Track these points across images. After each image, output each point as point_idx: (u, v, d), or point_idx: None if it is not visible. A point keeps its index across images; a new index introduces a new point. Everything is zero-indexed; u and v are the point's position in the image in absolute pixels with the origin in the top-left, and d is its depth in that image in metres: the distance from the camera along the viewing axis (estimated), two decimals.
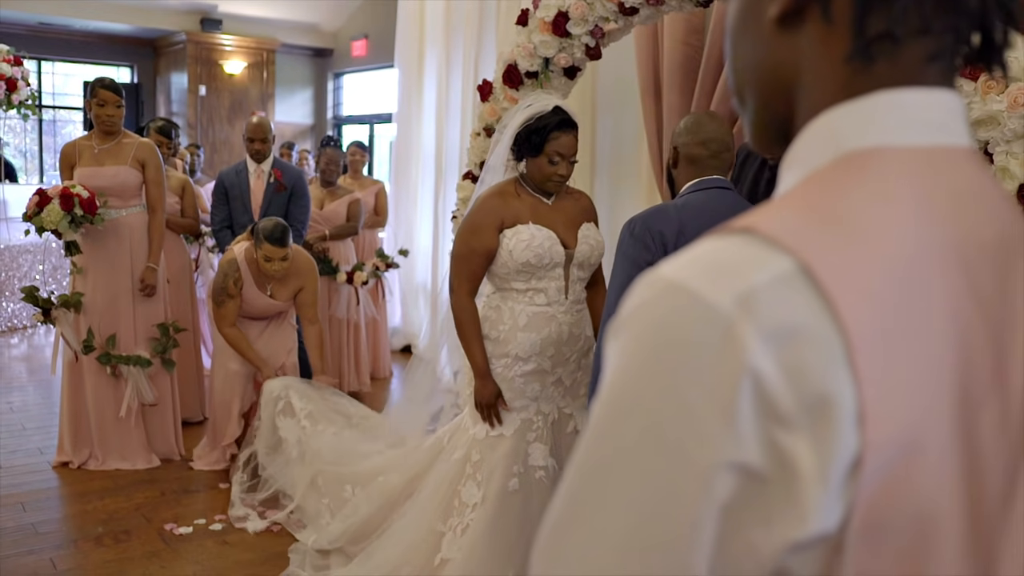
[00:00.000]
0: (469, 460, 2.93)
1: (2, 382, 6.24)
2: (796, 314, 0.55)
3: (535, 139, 2.84)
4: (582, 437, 0.63)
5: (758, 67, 0.72)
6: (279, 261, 4.07)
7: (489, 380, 2.90)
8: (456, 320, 2.89)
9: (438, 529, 2.94)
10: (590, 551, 0.59)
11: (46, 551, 3.56)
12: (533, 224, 2.85)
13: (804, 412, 0.55)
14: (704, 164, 2.48)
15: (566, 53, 3.48)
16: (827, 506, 0.55)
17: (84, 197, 4.08)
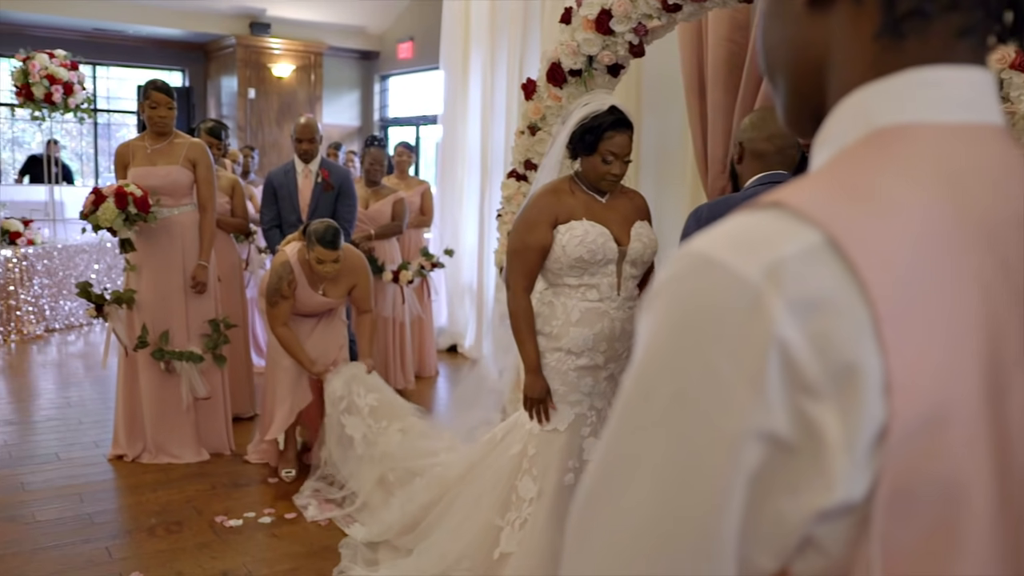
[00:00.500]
0: (525, 455, 2.96)
1: (60, 378, 6.41)
2: (823, 285, 0.57)
3: (589, 138, 2.85)
4: (615, 405, 0.65)
5: (790, 49, 0.74)
6: (331, 263, 4.14)
7: (540, 376, 2.92)
8: (511, 316, 2.93)
9: (496, 523, 2.97)
10: (622, 517, 0.61)
11: (102, 540, 3.66)
12: (587, 220, 2.88)
13: (831, 381, 0.56)
14: (769, 159, 2.48)
15: (609, 51, 3.49)
16: (853, 475, 0.57)
17: (138, 196, 4.19)
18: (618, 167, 2.88)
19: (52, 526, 3.77)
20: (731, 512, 0.58)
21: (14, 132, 12.24)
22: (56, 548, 3.56)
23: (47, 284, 7.74)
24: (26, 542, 3.61)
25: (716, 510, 0.58)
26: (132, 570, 3.38)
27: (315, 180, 5.22)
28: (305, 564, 3.50)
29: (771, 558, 0.60)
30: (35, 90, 7.61)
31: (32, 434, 5.06)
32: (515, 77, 6.23)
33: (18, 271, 7.42)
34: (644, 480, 0.60)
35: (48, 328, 7.75)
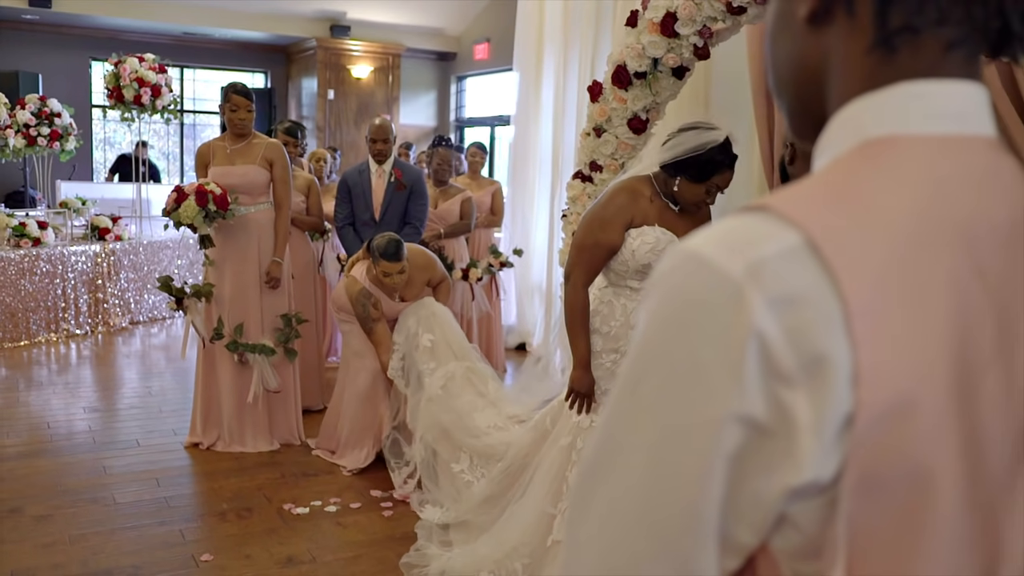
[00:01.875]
0: (575, 448, 3.01)
1: (143, 368, 6.67)
2: (799, 283, 0.62)
3: (705, 169, 2.84)
4: (611, 390, 0.70)
5: (793, 63, 0.78)
6: (398, 274, 4.28)
7: (588, 372, 2.97)
8: (567, 308, 2.96)
9: (549, 512, 3.04)
10: (614, 495, 0.67)
11: (176, 523, 3.82)
12: (659, 227, 2.91)
13: (803, 370, 0.61)
14: None
15: (674, 53, 3.51)
16: (822, 457, 0.61)
17: (217, 194, 4.36)
18: (714, 196, 2.93)
19: (130, 508, 3.95)
20: (713, 490, 0.63)
21: (106, 133, 12.73)
22: (133, 529, 3.73)
23: (132, 278, 8.05)
24: (106, 522, 3.79)
25: (699, 488, 0.63)
26: (203, 552, 3.52)
27: (388, 180, 5.34)
28: (368, 552, 3.60)
29: (751, 534, 0.65)
30: (125, 92, 7.93)
31: (115, 421, 5.29)
32: (586, 79, 6.26)
33: (106, 266, 7.74)
34: (634, 461, 0.66)
35: (133, 321, 8.06)
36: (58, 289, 7.33)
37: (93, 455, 4.61)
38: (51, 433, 4.97)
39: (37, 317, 7.18)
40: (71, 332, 7.43)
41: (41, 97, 8.29)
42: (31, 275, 7.12)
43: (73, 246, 7.53)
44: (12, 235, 7.16)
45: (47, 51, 11.20)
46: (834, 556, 0.63)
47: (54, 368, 6.58)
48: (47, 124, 8.13)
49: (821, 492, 0.62)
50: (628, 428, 0.67)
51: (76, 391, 5.92)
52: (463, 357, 4.27)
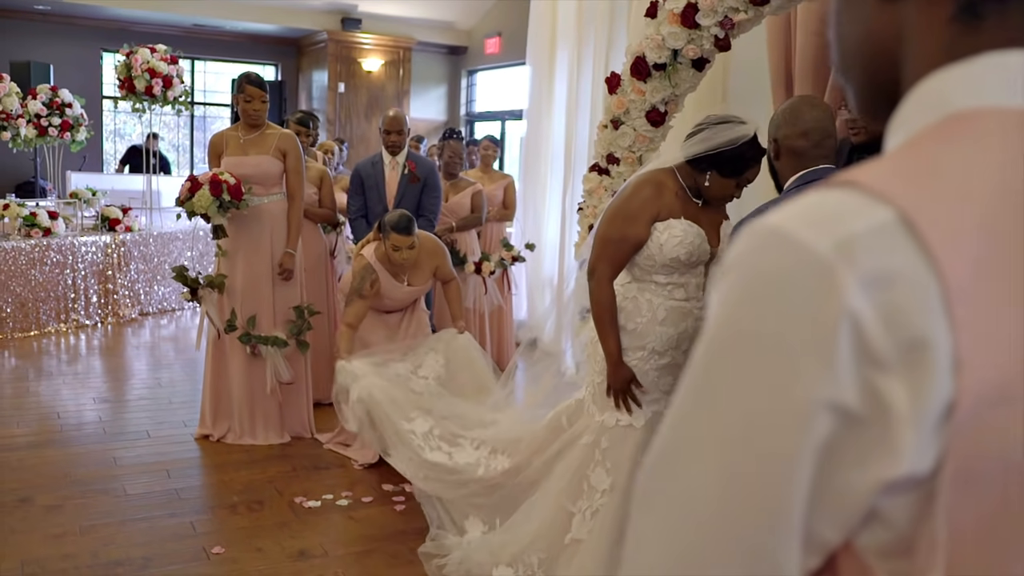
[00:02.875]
0: (598, 446, 2.96)
1: (152, 359, 6.65)
2: (895, 261, 0.57)
3: (737, 164, 2.81)
4: (684, 376, 0.66)
5: (864, 38, 0.74)
6: (407, 249, 4.21)
7: (622, 366, 2.91)
8: (594, 304, 2.92)
9: (567, 508, 2.99)
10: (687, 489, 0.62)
11: (187, 515, 3.79)
12: (685, 220, 2.87)
13: (900, 355, 0.57)
14: (807, 155, 2.44)
15: (695, 44, 3.47)
16: (920, 448, 0.57)
17: (231, 184, 4.33)
18: (741, 190, 2.91)
19: (141, 499, 3.92)
20: (799, 484, 0.59)
21: (116, 124, 12.72)
22: (144, 520, 3.70)
23: (143, 269, 8.03)
24: (116, 513, 3.77)
25: (784, 481, 0.59)
26: (214, 544, 3.49)
27: (402, 172, 5.30)
28: (380, 547, 3.57)
29: (836, 530, 0.61)
30: (136, 83, 7.90)
31: (125, 412, 5.27)
32: (601, 73, 6.22)
33: (116, 256, 7.72)
34: (710, 452, 0.61)
35: (143, 312, 8.04)
36: (68, 279, 7.31)
37: (103, 446, 4.59)
38: (61, 423, 4.95)
39: (47, 307, 7.17)
40: (81, 323, 7.41)
41: (52, 87, 8.27)
42: (41, 265, 7.11)
43: (83, 236, 7.51)
44: (23, 225, 7.15)
45: (58, 41, 11.19)
46: (932, 555, 0.58)
47: (63, 358, 6.56)
48: (58, 114, 8.11)
49: (916, 486, 0.58)
50: (703, 418, 0.62)
51: (86, 381, 5.90)
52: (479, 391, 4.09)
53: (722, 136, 2.82)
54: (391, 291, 4.39)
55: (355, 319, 4.29)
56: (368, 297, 4.30)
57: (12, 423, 4.90)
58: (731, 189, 2.87)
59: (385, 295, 4.40)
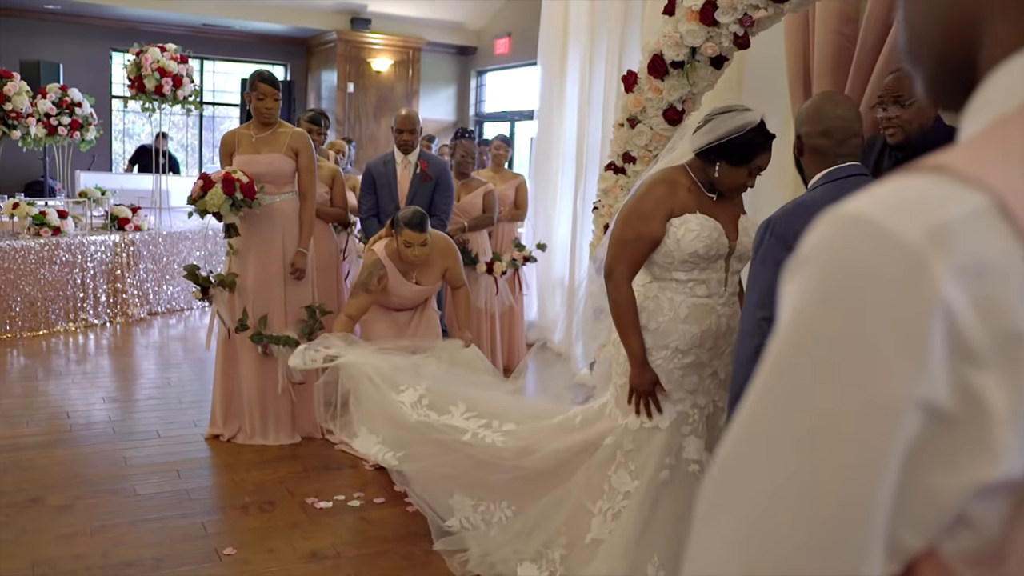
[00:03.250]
0: (621, 448, 2.92)
1: (161, 359, 6.62)
2: (990, 250, 0.54)
3: (745, 152, 2.79)
4: (757, 375, 0.61)
5: (938, 21, 0.69)
6: (419, 246, 4.17)
7: (647, 368, 2.86)
8: (614, 306, 2.88)
9: (588, 508, 2.95)
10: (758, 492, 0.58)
11: (198, 515, 3.76)
12: (700, 214, 2.83)
13: (996, 350, 0.53)
14: (831, 154, 2.40)
15: (713, 42, 3.43)
16: (1016, 449, 0.53)
17: (244, 182, 4.30)
18: (754, 179, 2.87)
19: (151, 500, 3.89)
20: (883, 487, 0.55)
21: (124, 124, 12.72)
22: (155, 521, 3.67)
23: (152, 269, 8.01)
24: (127, 513, 3.73)
25: (867, 485, 0.55)
26: (226, 545, 3.46)
27: (414, 171, 5.27)
28: (393, 548, 3.53)
29: (919, 536, 0.57)
30: (147, 82, 7.88)
31: (134, 412, 5.24)
32: (613, 73, 6.18)
33: (125, 256, 7.70)
34: (788, 456, 0.57)
35: (151, 311, 8.02)
36: (77, 279, 7.29)
37: (113, 446, 4.56)
38: (71, 423, 4.92)
39: (56, 306, 7.15)
40: (89, 322, 7.39)
41: (62, 86, 8.25)
42: (50, 264, 7.09)
43: (93, 236, 7.49)
44: (32, 224, 7.13)
45: (68, 41, 11.20)
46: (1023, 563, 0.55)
47: (72, 358, 6.54)
48: (68, 113, 8.09)
49: (1011, 490, 0.54)
50: (778, 418, 0.58)
51: (95, 381, 5.88)
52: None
53: (728, 125, 2.79)
54: (399, 289, 4.36)
55: (356, 312, 4.25)
56: (374, 292, 4.26)
57: (22, 423, 4.87)
58: (743, 178, 2.83)
59: (392, 292, 4.36)
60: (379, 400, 3.52)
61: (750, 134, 2.77)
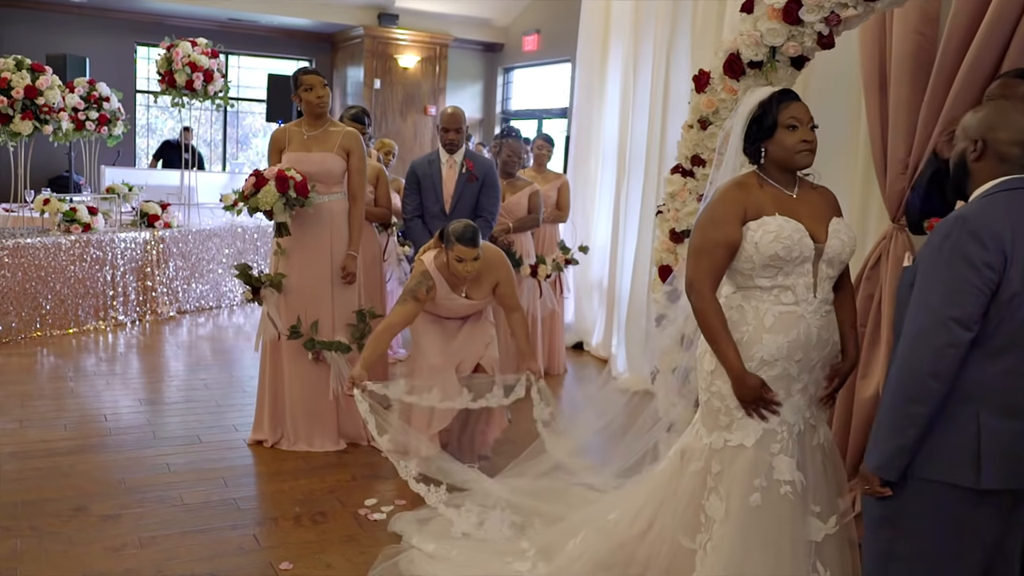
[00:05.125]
0: (709, 472, 2.76)
1: (193, 359, 6.50)
2: None
3: (767, 120, 2.71)
4: None
5: None
6: (471, 261, 4.03)
7: (747, 374, 2.71)
8: (702, 319, 2.72)
9: (688, 547, 2.78)
10: None
11: (249, 527, 3.63)
12: (779, 215, 2.68)
13: None
14: (1014, 163, 2.24)
15: (795, 41, 3.28)
16: None
17: (298, 180, 4.16)
18: (807, 132, 2.70)
19: (200, 509, 3.76)
20: None
21: (148, 119, 12.61)
22: (205, 532, 3.54)
23: (181, 267, 7.89)
24: (176, 524, 3.61)
25: None
26: (281, 559, 3.33)
27: (460, 171, 5.12)
28: None
29: None
30: (177, 77, 7.76)
31: (172, 415, 5.11)
32: (661, 72, 6.03)
33: (155, 253, 7.58)
34: None
35: (180, 310, 7.90)
36: (107, 276, 7.18)
37: (154, 451, 4.44)
38: (109, 426, 4.80)
39: (86, 304, 7.04)
40: (119, 320, 7.28)
41: (90, 81, 8.12)
42: (80, 262, 6.97)
43: (122, 233, 7.37)
44: (63, 220, 7.01)
45: (93, 35, 11.10)
46: None
47: (103, 357, 6.42)
48: (95, 108, 7.97)
49: None
50: None
51: (127, 382, 5.76)
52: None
53: (744, 108, 2.77)
54: (446, 302, 4.21)
55: (401, 321, 4.12)
56: (421, 301, 4.13)
57: (58, 425, 4.75)
58: (795, 139, 2.68)
59: (440, 304, 4.22)
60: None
61: (767, 101, 2.72)
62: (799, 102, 2.74)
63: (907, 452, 2.27)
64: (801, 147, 2.70)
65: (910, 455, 2.28)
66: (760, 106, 2.75)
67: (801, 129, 2.70)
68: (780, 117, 2.70)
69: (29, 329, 6.67)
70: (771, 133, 2.72)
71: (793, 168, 2.75)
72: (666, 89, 5.96)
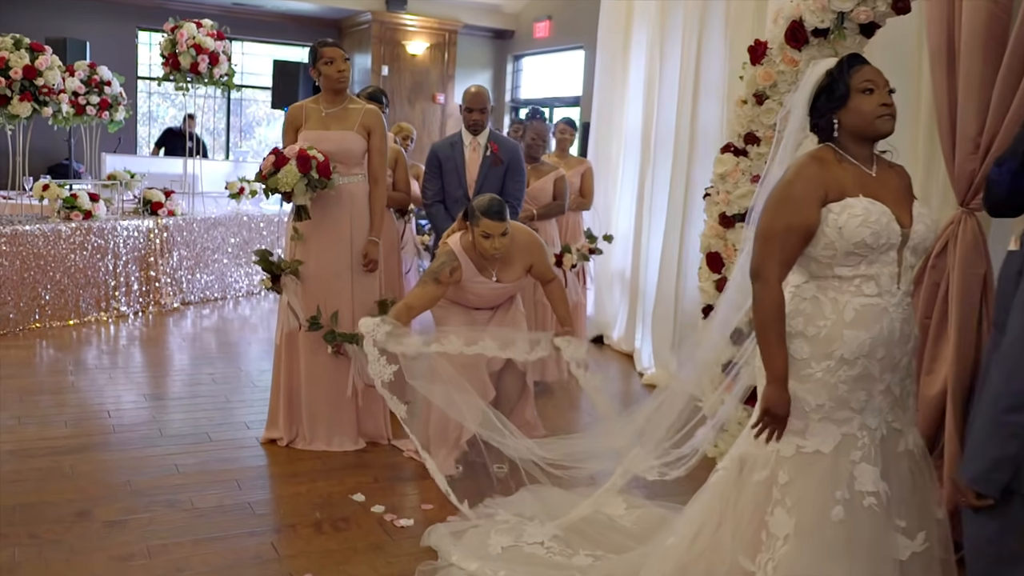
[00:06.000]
0: (776, 482, 2.47)
1: (199, 353, 6.22)
2: None
3: (838, 87, 2.46)
4: None
5: None
6: (499, 237, 3.75)
7: (786, 389, 2.45)
8: (760, 310, 2.43)
9: (746, 568, 2.48)
10: None
11: (266, 534, 3.36)
12: (864, 197, 2.40)
13: None
14: None
15: (867, 7, 3.00)
16: None
17: (321, 160, 3.87)
18: (885, 95, 2.44)
19: (213, 514, 3.49)
20: None
21: (150, 106, 12.32)
22: (219, 540, 3.27)
23: (185, 256, 7.61)
24: (187, 531, 3.33)
25: None
26: (304, 571, 3.06)
27: (483, 153, 4.84)
28: None
29: None
30: (182, 59, 7.47)
31: (179, 411, 4.83)
32: (691, 51, 5.74)
33: (159, 242, 7.30)
34: None
35: (184, 301, 7.62)
36: (109, 265, 6.90)
37: (162, 450, 4.16)
38: (112, 424, 4.52)
39: (87, 295, 6.75)
40: (121, 311, 7.00)
41: (91, 64, 7.83)
42: (81, 250, 6.69)
43: (125, 220, 7.09)
44: (63, 207, 6.72)
45: (94, 19, 10.80)
46: None
47: (105, 349, 6.14)
48: (96, 93, 7.67)
49: None
50: None
51: (132, 376, 5.49)
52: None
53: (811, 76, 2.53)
54: (474, 286, 3.93)
55: (420, 303, 3.84)
56: (444, 283, 3.85)
57: (58, 422, 4.48)
58: (872, 104, 2.42)
59: (468, 289, 3.95)
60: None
61: (833, 69, 2.49)
62: (867, 65, 2.48)
63: (1008, 465, 2.02)
64: (882, 111, 2.43)
65: (1012, 469, 2.03)
66: (828, 74, 2.50)
67: (878, 92, 2.44)
68: (853, 82, 2.44)
69: (28, 320, 6.39)
70: (844, 101, 2.46)
71: (874, 136, 2.48)
72: (697, 69, 5.67)
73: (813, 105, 2.54)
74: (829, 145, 2.52)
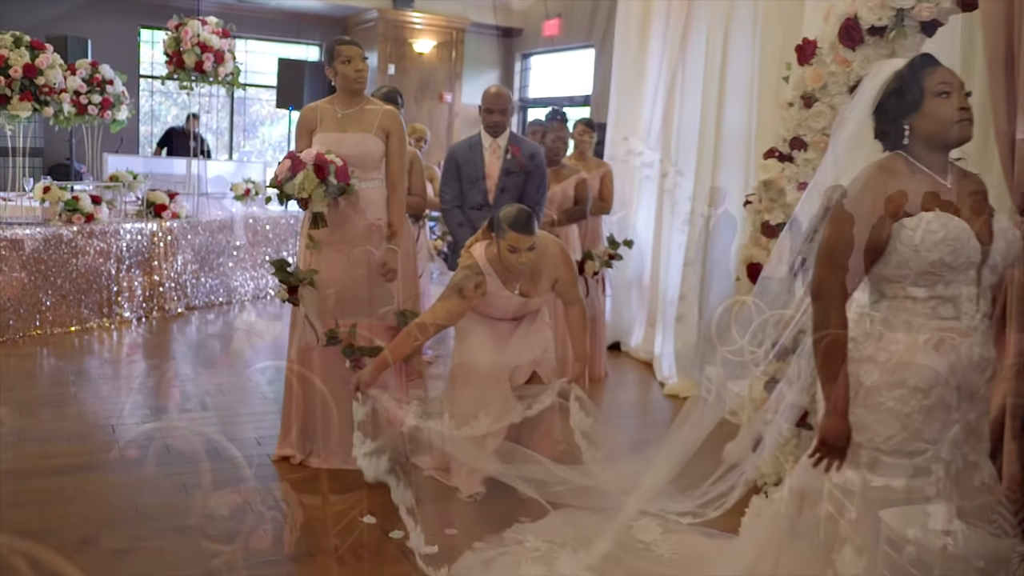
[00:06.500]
0: (843, 519, 2.29)
1: (205, 361, 6.02)
2: None
3: (911, 91, 2.27)
4: None
5: None
6: (526, 252, 3.56)
7: (846, 419, 2.26)
8: (823, 337, 2.24)
9: None
10: None
11: (283, 563, 3.16)
12: (939, 211, 2.20)
13: None
14: None
15: (930, 2, 2.80)
16: None
17: (339, 165, 3.67)
18: (962, 99, 2.26)
19: (226, 541, 3.27)
20: None
21: (152, 105, 12.11)
22: (234, 571, 3.07)
23: (190, 260, 7.40)
24: (200, 561, 3.11)
25: None
26: None
27: (503, 156, 4.64)
28: None
29: None
30: (186, 58, 7.27)
31: (185, 425, 4.62)
32: (716, 52, 5.55)
33: (162, 246, 7.09)
34: None
35: (189, 306, 7.41)
36: (111, 270, 6.69)
37: (169, 468, 3.95)
38: (117, 439, 4.31)
39: (88, 300, 6.55)
40: (124, 317, 6.79)
41: (92, 63, 7.62)
42: (82, 254, 6.49)
43: (127, 223, 6.88)
44: (64, 210, 6.52)
45: (96, 16, 10.57)
46: None
47: (107, 357, 5.95)
48: (98, 92, 7.46)
49: None
50: None
51: (135, 387, 5.28)
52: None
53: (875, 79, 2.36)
54: (498, 300, 3.74)
55: (443, 319, 3.66)
56: (469, 298, 3.66)
57: (60, 438, 4.27)
58: (950, 108, 2.24)
59: (493, 304, 3.76)
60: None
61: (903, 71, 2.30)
62: (940, 66, 2.29)
63: None
64: (961, 115, 2.24)
65: None
66: (897, 76, 2.31)
67: (956, 95, 2.25)
68: (927, 84, 2.25)
69: (28, 327, 6.18)
70: (918, 106, 2.27)
71: (951, 144, 2.29)
72: (723, 70, 5.48)
73: (881, 109, 2.34)
74: (899, 153, 2.33)
